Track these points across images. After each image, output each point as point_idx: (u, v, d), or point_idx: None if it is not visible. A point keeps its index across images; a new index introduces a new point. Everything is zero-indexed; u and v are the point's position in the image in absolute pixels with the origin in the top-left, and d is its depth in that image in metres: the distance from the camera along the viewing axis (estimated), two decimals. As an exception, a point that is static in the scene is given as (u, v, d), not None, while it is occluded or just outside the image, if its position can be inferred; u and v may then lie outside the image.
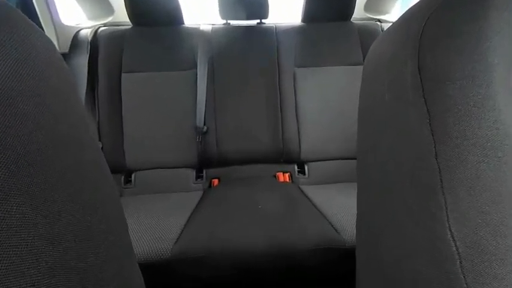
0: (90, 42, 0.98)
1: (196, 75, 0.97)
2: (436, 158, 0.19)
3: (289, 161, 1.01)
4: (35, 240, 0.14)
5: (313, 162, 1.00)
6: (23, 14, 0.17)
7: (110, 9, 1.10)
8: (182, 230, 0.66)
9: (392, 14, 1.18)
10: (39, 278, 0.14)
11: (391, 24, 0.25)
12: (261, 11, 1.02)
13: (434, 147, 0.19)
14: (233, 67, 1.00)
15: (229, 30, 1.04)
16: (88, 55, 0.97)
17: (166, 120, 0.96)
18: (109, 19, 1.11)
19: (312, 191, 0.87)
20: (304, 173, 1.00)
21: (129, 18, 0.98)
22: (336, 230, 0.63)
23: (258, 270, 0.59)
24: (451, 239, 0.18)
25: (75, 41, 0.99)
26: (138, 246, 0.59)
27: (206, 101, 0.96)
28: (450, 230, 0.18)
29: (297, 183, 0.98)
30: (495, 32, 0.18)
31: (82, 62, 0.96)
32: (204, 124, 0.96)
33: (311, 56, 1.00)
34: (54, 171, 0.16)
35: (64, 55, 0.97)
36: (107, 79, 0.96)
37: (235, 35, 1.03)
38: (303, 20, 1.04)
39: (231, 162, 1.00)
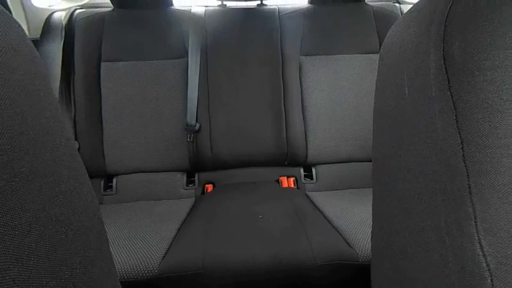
0: (65, 27, 0.98)
1: (187, 64, 0.97)
2: (463, 161, 0.19)
3: (295, 163, 1.01)
4: (1, 256, 0.14)
5: (322, 165, 1.00)
6: None
7: (87, -11, 1.10)
8: (170, 244, 0.66)
9: (413, -5, 1.18)
10: None
11: (411, 5, 0.25)
12: None
13: (462, 148, 0.19)
14: (229, 56, 1.00)
15: (225, 13, 1.04)
16: (62, 41, 0.97)
17: (152, 117, 0.96)
18: (86, 1, 1.11)
19: (320, 199, 0.87)
20: (311, 178, 1.00)
21: (110, 0, 0.98)
22: (348, 244, 0.64)
23: None
24: (480, 253, 0.18)
25: (48, 25, 0.99)
26: (120, 262, 0.59)
27: (198, 94, 0.96)
28: (480, 244, 0.18)
29: (303, 190, 0.98)
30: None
31: (55, 49, 0.96)
32: (196, 121, 0.96)
33: (319, 42, 1.00)
34: (22, 176, 0.16)
35: (35, 41, 0.97)
36: (84, 69, 0.96)
37: (232, 18, 1.03)
38: (310, 1, 1.05)
39: (227, 165, 1.00)
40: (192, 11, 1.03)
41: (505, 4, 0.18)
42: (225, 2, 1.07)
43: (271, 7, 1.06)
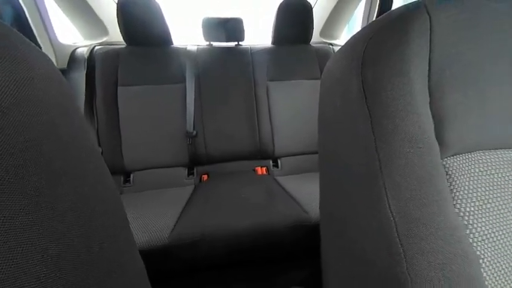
0: (87, 59, 0.91)
1: (186, 88, 0.94)
2: (376, 151, 0.20)
3: (266, 157, 1.01)
4: (41, 238, 0.13)
5: (285, 157, 1.01)
6: (18, 33, 0.15)
7: (104, 31, 1.03)
8: (178, 219, 0.64)
9: (341, 39, 1.24)
10: (45, 272, 0.13)
11: (340, 47, 0.26)
12: (238, 34, 1.02)
13: (375, 142, 0.20)
14: (216, 81, 0.98)
15: (212, 50, 1.02)
16: (85, 71, 0.89)
17: (160, 126, 0.92)
18: (104, 39, 1.03)
19: (284, 181, 0.88)
20: (277, 166, 1.01)
21: (124, 39, 0.92)
22: (304, 210, 0.65)
23: (245, 249, 0.58)
24: (389, 211, 0.20)
25: (73, 58, 0.91)
26: (138, 236, 0.56)
27: (194, 109, 0.93)
28: (389, 205, 0.20)
29: (272, 175, 0.99)
30: (415, 54, 0.19)
31: (80, 76, 0.89)
32: (194, 129, 0.93)
33: (280, 71, 1.01)
34: (58, 174, 0.15)
35: (62, 70, 0.88)
36: (104, 91, 0.89)
37: (217, 54, 1.01)
38: (273, 43, 1.06)
39: (218, 160, 0.98)
40: (188, 48, 1.00)
41: (398, 49, 0.19)
42: (211, 42, 1.05)
43: (245, 46, 1.06)
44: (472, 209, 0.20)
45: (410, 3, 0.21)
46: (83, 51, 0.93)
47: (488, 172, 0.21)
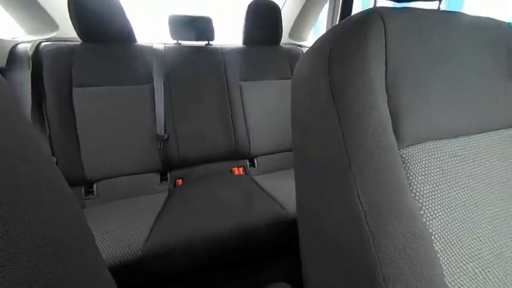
0: (32, 57, 0.79)
1: (153, 88, 0.88)
2: (345, 146, 0.21)
3: (242, 157, 1.01)
4: None
5: (261, 156, 1.02)
6: None
7: (53, 25, 0.91)
8: (151, 228, 0.59)
9: (308, 41, 1.30)
10: None
11: (307, 48, 0.27)
12: (207, 33, 1.00)
13: (343, 137, 0.22)
14: (187, 81, 0.94)
15: (180, 49, 0.98)
16: (30, 70, 0.78)
17: (126, 130, 0.84)
18: (52, 34, 0.91)
19: (261, 179, 0.89)
20: (254, 166, 1.02)
21: (78, 35, 0.82)
22: (281, 207, 0.66)
23: (226, 251, 0.57)
24: (358, 202, 0.21)
25: (13, 55, 0.78)
26: (108, 250, 0.51)
27: (165, 111, 0.89)
28: (358, 196, 0.21)
29: (250, 175, 0.99)
30: (373, 56, 0.21)
31: (23, 76, 0.77)
32: (165, 132, 0.88)
33: (252, 71, 1.02)
34: (2, 190, 0.12)
35: (1, 70, 0.76)
36: (56, 93, 0.79)
37: (187, 53, 0.97)
38: (244, 43, 1.06)
39: (192, 163, 0.95)
40: (154, 47, 0.94)
41: (358, 51, 0.21)
42: (179, 41, 1.00)
43: (216, 46, 1.04)
44: (425, 192, 0.23)
45: (365, 10, 0.23)
46: (26, 47, 0.80)
47: (438, 159, 0.24)
